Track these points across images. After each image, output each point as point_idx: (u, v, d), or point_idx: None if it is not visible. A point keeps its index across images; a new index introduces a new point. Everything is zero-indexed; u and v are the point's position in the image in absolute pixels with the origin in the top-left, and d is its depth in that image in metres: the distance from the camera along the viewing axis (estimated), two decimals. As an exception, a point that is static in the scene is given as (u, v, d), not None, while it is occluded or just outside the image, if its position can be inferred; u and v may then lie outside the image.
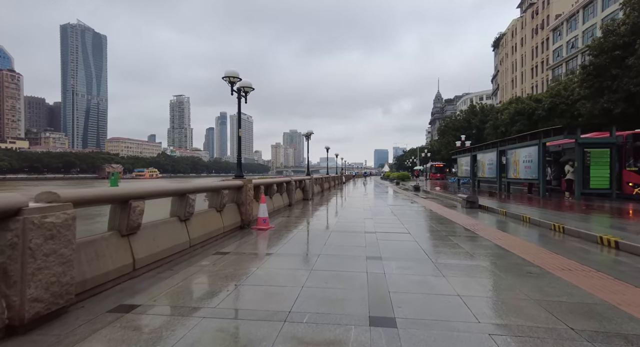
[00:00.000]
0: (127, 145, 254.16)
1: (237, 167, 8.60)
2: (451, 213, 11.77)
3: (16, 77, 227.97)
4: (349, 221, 9.83)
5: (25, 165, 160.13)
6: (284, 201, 12.61)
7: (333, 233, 7.63)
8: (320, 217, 10.49)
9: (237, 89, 8.37)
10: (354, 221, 9.67)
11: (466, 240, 6.99)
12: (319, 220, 9.86)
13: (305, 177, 17.30)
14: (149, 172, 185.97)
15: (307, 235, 7.44)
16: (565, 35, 60.37)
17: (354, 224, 9.19)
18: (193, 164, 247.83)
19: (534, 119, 36.05)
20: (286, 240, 6.87)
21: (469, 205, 13.64)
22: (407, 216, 10.93)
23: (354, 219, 10.20)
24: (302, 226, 8.55)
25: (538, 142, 16.56)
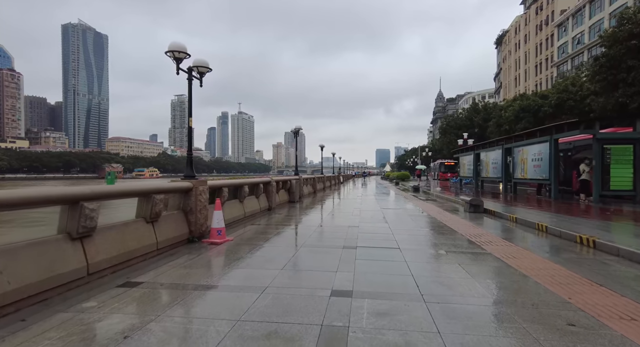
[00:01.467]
0: (128, 145, 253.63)
1: (187, 165, 7.00)
2: (452, 219, 10.14)
3: (16, 77, 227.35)
4: (330, 230, 8.23)
5: (25, 165, 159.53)
6: (260, 205, 11.01)
7: (303, 249, 6.03)
8: (298, 225, 8.88)
9: (188, 69, 6.78)
10: (336, 230, 8.07)
11: (471, 260, 5.38)
12: (295, 229, 8.26)
13: (292, 177, 15.70)
14: (149, 172, 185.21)
15: (267, 252, 5.83)
16: (571, 31, 58.59)
17: (334, 234, 7.59)
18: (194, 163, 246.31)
19: (540, 116, 34.30)
20: (236, 260, 5.27)
21: (472, 209, 12.02)
22: (401, 223, 9.31)
23: (337, 227, 8.60)
24: (269, 238, 6.94)
25: (549, 139, 14.90)
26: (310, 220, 9.92)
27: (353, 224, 8.84)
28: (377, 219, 10.11)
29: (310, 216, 10.94)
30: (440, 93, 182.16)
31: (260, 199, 11.12)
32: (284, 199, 14.46)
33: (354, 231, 7.84)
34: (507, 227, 8.84)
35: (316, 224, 9.05)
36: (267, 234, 7.34)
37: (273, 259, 5.31)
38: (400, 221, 9.68)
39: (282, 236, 7.27)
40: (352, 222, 9.26)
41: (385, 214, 11.40)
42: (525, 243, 6.72)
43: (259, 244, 6.38)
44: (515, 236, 7.54)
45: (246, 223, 8.98)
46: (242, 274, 4.59)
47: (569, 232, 7.03)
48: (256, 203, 10.68)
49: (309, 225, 8.85)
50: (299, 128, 18.02)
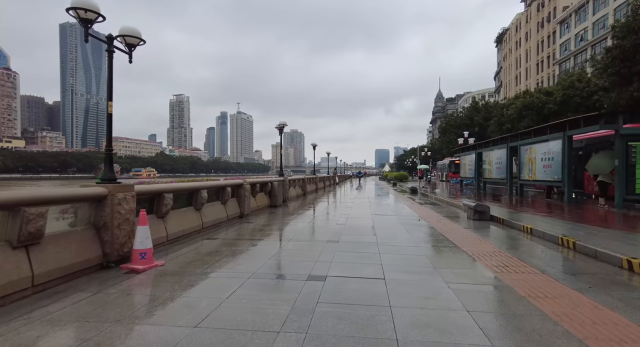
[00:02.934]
0: (126, 144, 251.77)
1: (105, 164, 5.33)
2: (454, 229, 8.48)
3: (12, 76, 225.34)
4: (302, 247, 6.56)
5: (20, 165, 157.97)
6: (229, 212, 9.33)
7: (249, 283, 4.34)
8: (263, 240, 7.19)
9: (108, 38, 5.12)
10: (309, 248, 6.41)
11: (485, 301, 3.73)
12: (256, 246, 6.57)
13: (273, 178, 14.04)
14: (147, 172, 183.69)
15: (197, 290, 4.16)
16: (574, 28, 57.08)
17: (305, 254, 5.92)
18: (192, 163, 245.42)
19: (544, 114, 32.67)
20: (145, 306, 3.61)
21: (477, 216, 10.36)
22: (393, 236, 7.65)
23: (313, 243, 6.93)
24: (213, 263, 5.25)
25: (562, 135, 13.26)
26: (282, 232, 8.25)
27: (333, 238, 7.16)
28: (365, 229, 8.43)
29: (286, 226, 9.26)
30: (440, 93, 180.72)
31: (228, 205, 9.44)
32: (264, 203, 12.79)
33: (331, 249, 6.16)
34: (522, 242, 7.18)
35: (287, 237, 7.38)
36: (216, 256, 5.66)
37: (198, 303, 3.63)
38: (391, 233, 8.01)
39: (233, 258, 5.59)
40: (333, 235, 7.59)
41: (376, 222, 9.73)
42: (554, 268, 5.06)
43: (195, 273, 4.70)
44: (535, 256, 5.87)
45: (203, 236, 7.32)
46: (137, 335, 2.92)
47: (609, 253, 5.37)
48: (221, 210, 9.00)
49: (277, 240, 7.18)
50: (283, 124, 16.36)
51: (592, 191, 16.40)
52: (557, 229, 7.54)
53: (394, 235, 7.70)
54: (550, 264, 5.31)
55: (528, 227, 8.13)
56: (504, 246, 6.61)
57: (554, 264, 5.32)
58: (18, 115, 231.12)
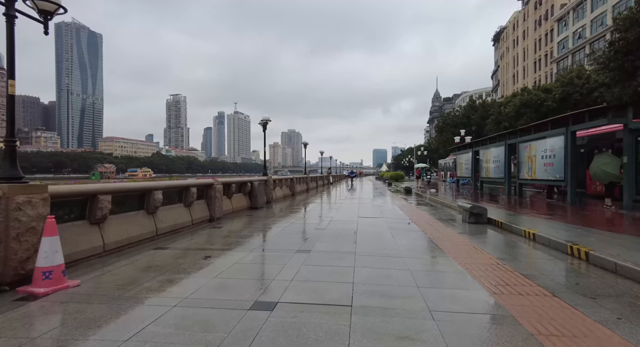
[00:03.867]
0: (122, 144, 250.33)
1: (5, 160, 4.31)
2: (447, 235, 7.48)
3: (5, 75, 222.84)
4: (263, 260, 5.54)
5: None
6: (194, 216, 8.28)
7: (169, 316, 3.33)
8: (223, 250, 6.14)
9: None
10: (271, 262, 5.39)
11: (481, 342, 2.72)
12: (210, 259, 5.48)
13: (254, 178, 13.01)
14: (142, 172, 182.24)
15: (107, 318, 3.14)
16: (572, 26, 56.37)
17: (262, 271, 4.91)
18: (188, 163, 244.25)
19: (542, 111, 31.79)
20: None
21: (473, 219, 9.37)
22: (376, 243, 6.64)
23: (279, 253, 5.91)
24: (148, 280, 4.24)
25: (565, 131, 12.30)
26: (250, 239, 7.22)
27: (305, 248, 6.13)
28: (346, 236, 7.41)
29: (258, 231, 8.23)
30: (437, 92, 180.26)
31: (194, 207, 8.40)
32: (242, 205, 11.74)
33: (297, 262, 5.14)
34: (524, 250, 6.18)
35: (252, 247, 6.34)
36: (153, 272, 4.62)
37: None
38: (375, 240, 6.99)
39: (173, 275, 4.54)
40: (307, 243, 6.56)
41: (361, 226, 8.71)
42: (567, 288, 4.05)
43: (111, 298, 3.67)
44: (541, 270, 4.86)
45: (155, 245, 6.27)
46: None
47: (634, 269, 4.36)
48: (184, 214, 7.95)
49: (239, 250, 6.13)
50: (266, 119, 15.32)
51: (595, 191, 15.47)
52: (564, 235, 6.55)
53: (377, 243, 6.68)
54: (561, 282, 4.31)
55: (530, 232, 7.13)
56: (504, 256, 5.60)
57: (566, 282, 4.32)
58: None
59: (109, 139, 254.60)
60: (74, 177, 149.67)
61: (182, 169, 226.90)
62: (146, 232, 6.41)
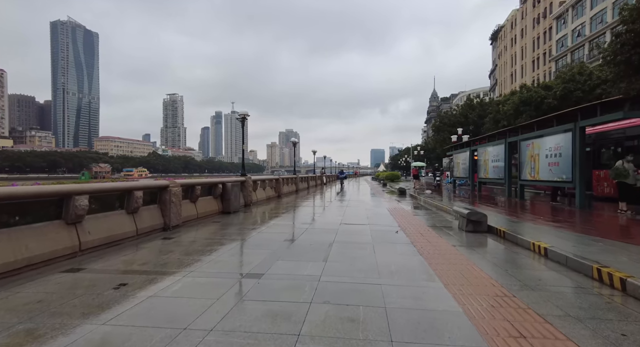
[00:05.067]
0: (117, 144, 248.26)
1: None
2: (439, 248, 6.18)
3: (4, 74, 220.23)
4: (189, 293, 4.23)
5: (6, 165, 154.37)
6: (139, 224, 6.94)
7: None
8: (150, 273, 4.81)
9: None
10: (200, 295, 4.07)
11: None
12: (124, 288, 4.15)
13: (229, 179, 11.68)
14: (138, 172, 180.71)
15: None
16: (571, 23, 55.36)
17: (178, 312, 3.59)
18: (185, 163, 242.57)
19: (543, 109, 30.63)
20: None
21: (470, 226, 8.10)
22: (350, 263, 5.34)
23: (218, 280, 4.59)
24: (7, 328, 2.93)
25: (573, 127, 11.04)
26: (198, 255, 5.89)
27: (257, 271, 4.81)
28: (319, 249, 6.11)
29: (214, 244, 6.90)
30: (435, 92, 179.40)
31: (141, 214, 7.07)
32: (211, 209, 10.40)
33: (236, 294, 3.84)
34: (536, 272, 4.88)
35: (195, 266, 5.03)
36: (15, 320, 3.31)
37: None
38: (351, 256, 5.69)
39: (46, 327, 3.24)
40: (266, 261, 5.26)
41: (340, 237, 7.41)
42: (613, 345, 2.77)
43: None
44: (565, 308, 3.57)
45: (73, 264, 4.96)
46: None
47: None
48: (126, 222, 6.61)
49: (175, 271, 4.81)
50: (244, 114, 13.99)
51: (602, 193, 14.26)
52: (583, 251, 5.28)
53: (352, 261, 5.37)
54: (599, 332, 3.01)
55: (540, 246, 5.85)
56: (512, 282, 4.31)
57: (607, 332, 3.02)
58: (6, 114, 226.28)
59: (105, 139, 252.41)
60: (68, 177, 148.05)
61: (179, 168, 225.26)
62: (61, 248, 5.08)
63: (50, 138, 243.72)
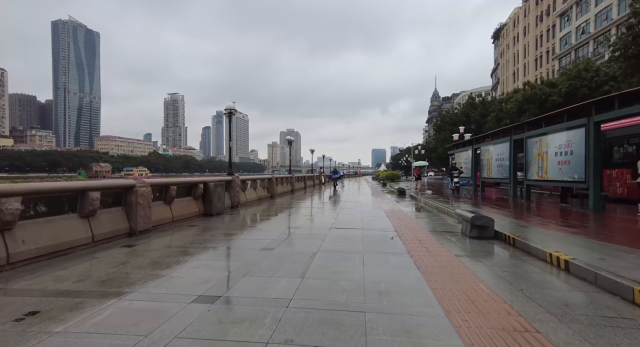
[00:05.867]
0: (118, 143, 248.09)
1: None
2: (441, 260, 5.28)
3: (0, 73, 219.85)
4: (121, 322, 3.34)
5: (6, 164, 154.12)
6: (95, 230, 6.03)
7: None
8: (80, 299, 3.93)
9: None
10: (144, 320, 3.19)
11: None
12: (19, 327, 3.33)
13: (212, 178, 10.78)
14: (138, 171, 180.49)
15: None
16: (575, 20, 54.31)
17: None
18: (186, 162, 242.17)
19: (547, 107, 29.67)
20: None
21: (475, 232, 7.19)
22: (332, 280, 4.44)
23: (164, 305, 3.71)
24: None
25: (586, 122, 10.11)
26: (154, 270, 5.00)
27: (214, 291, 3.91)
28: (298, 262, 5.21)
29: (180, 254, 6.01)
30: (436, 92, 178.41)
31: (98, 219, 6.17)
32: (189, 211, 9.51)
33: (176, 326, 2.96)
34: (560, 293, 3.95)
35: (142, 284, 4.14)
36: None
37: None
38: (336, 270, 4.78)
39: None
40: (232, 277, 4.38)
41: (327, 244, 6.51)
42: None
43: None
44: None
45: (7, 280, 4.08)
46: None
47: None
48: (79, 228, 5.70)
49: (112, 292, 3.93)
50: (231, 108, 13.09)
51: (615, 194, 13.33)
52: (614, 264, 4.37)
53: (335, 276, 4.46)
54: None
55: (560, 257, 4.93)
56: (531, 308, 3.40)
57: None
58: (7, 113, 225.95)
59: (105, 138, 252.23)
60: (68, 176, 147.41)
61: (180, 168, 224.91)
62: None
63: (51, 137, 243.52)
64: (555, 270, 4.85)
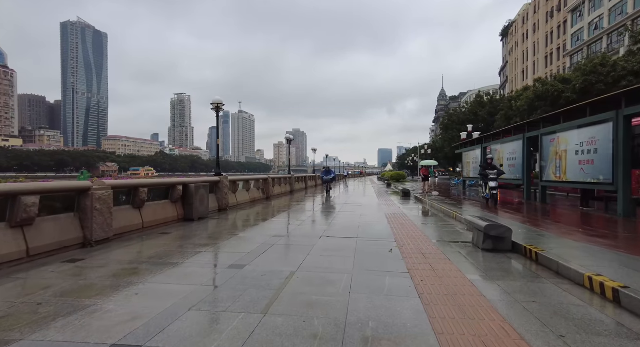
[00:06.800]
0: (125, 143, 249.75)
1: None
2: (448, 284, 4.18)
3: (9, 74, 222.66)
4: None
5: (15, 164, 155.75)
6: (30, 243, 5.00)
7: None
8: None
9: None
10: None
11: None
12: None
13: (196, 179, 9.77)
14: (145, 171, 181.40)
15: None
16: (587, 16, 52.52)
17: None
18: (192, 162, 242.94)
19: (560, 104, 28.27)
20: None
21: (489, 243, 6.08)
22: (309, 313, 3.39)
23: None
24: None
25: (614, 116, 8.91)
26: (91, 295, 3.98)
27: (132, 340, 2.90)
28: (268, 286, 4.16)
29: (133, 271, 5.00)
30: (443, 91, 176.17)
31: (38, 228, 5.16)
32: (165, 216, 8.49)
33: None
34: (614, 340, 2.86)
35: (57, 319, 3.14)
36: None
37: None
38: (315, 298, 3.72)
39: None
40: (162, 319, 3.35)
41: (313, 258, 5.45)
42: None
43: None
44: None
45: None
46: None
47: None
48: (9, 241, 4.71)
49: (15, 335, 2.93)
50: (218, 102, 12.08)
51: None
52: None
53: (309, 311, 3.40)
54: None
55: (605, 284, 3.80)
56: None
57: None
58: (16, 113, 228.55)
59: (113, 138, 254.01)
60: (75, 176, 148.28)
61: (186, 168, 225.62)
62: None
63: (59, 137, 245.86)
64: (599, 301, 3.72)
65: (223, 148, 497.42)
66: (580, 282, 4.22)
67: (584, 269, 4.29)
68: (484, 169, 12.80)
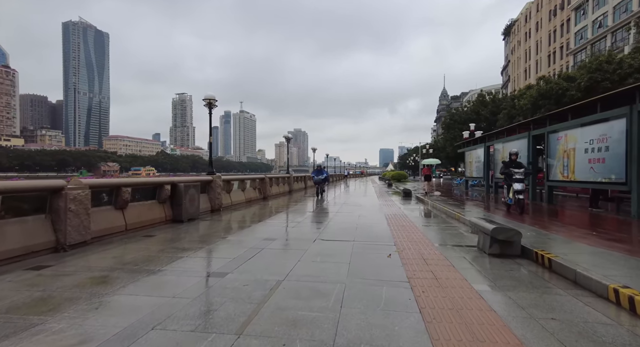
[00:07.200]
0: (126, 143, 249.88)
1: None
2: (452, 296, 3.69)
3: (11, 74, 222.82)
4: None
5: (16, 164, 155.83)
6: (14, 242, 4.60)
7: None
8: None
9: None
10: None
11: None
12: None
13: (187, 179, 9.30)
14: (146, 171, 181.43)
15: None
16: (591, 14, 51.87)
17: None
18: (193, 162, 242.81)
19: (564, 103, 27.68)
20: None
21: (496, 248, 5.59)
22: (297, 328, 2.92)
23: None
24: None
25: (628, 112, 8.40)
26: (42, 312, 3.51)
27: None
28: (249, 299, 3.69)
29: (102, 280, 4.52)
30: (445, 91, 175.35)
31: (1, 232, 4.72)
32: (151, 218, 8.02)
33: None
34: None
35: None
36: None
37: None
38: (299, 315, 3.24)
39: None
40: (115, 343, 2.88)
41: (302, 265, 4.97)
42: None
43: None
44: None
45: None
46: None
47: None
48: None
49: None
50: (211, 98, 11.60)
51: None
52: None
53: (294, 331, 2.91)
54: None
55: (635, 298, 3.31)
56: None
57: None
58: (17, 113, 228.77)
59: (114, 138, 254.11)
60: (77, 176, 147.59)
61: (187, 168, 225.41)
62: None
63: (61, 137, 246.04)
64: (628, 318, 3.23)
65: (224, 148, 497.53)
66: (603, 295, 3.73)
67: (608, 280, 3.79)
68: (507, 167, 10.19)
